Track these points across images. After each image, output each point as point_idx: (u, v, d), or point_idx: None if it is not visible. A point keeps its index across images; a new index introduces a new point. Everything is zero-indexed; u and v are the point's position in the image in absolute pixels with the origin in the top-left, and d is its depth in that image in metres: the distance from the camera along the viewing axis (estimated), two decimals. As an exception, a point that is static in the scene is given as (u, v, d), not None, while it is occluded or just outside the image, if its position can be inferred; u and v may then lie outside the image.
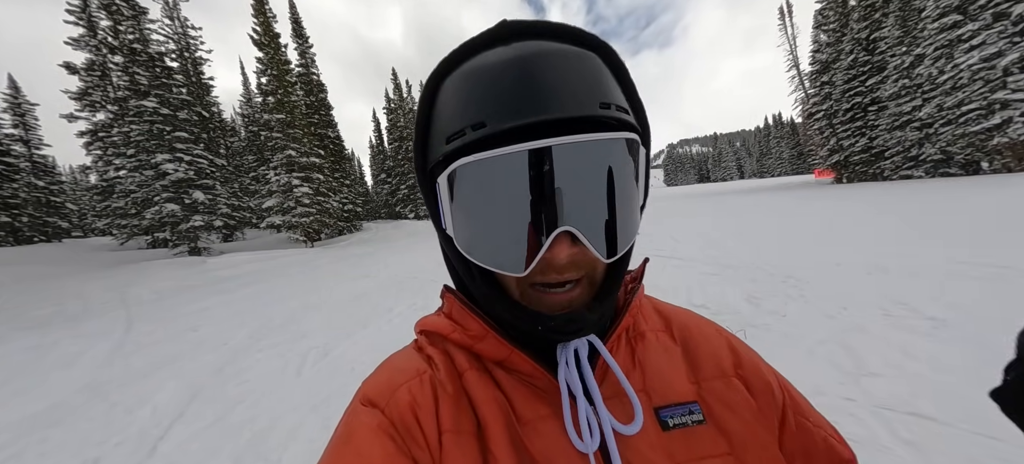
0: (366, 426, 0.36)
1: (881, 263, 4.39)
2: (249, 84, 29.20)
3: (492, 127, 0.31)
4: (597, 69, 0.35)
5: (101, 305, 7.14)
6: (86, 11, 16.79)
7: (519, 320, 0.37)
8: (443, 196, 0.36)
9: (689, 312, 0.50)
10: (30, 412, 3.08)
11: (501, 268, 0.35)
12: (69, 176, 44.58)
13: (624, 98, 0.37)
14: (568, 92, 0.32)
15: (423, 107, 0.38)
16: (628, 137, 0.34)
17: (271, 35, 18.89)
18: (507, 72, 0.33)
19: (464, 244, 0.37)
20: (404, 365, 0.42)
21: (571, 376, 0.36)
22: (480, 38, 0.37)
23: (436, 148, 0.36)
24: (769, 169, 79.40)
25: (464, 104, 0.34)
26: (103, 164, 18.17)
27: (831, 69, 22.78)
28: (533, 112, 0.31)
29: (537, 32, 0.37)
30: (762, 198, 16.43)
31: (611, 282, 0.39)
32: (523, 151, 0.31)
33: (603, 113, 0.32)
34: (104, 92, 17.39)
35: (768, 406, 0.41)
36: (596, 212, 0.34)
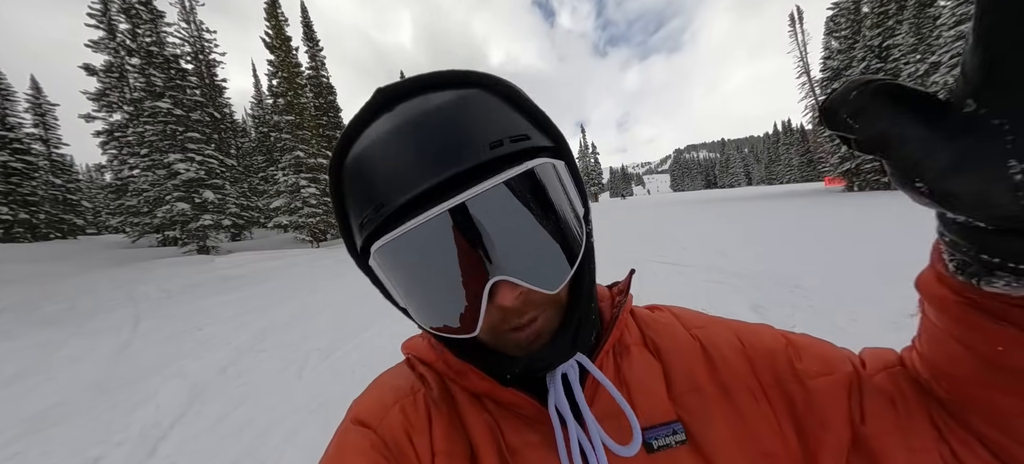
0: (358, 446, 0.35)
1: (893, 274, 4.28)
2: (261, 86, 29.78)
3: (390, 206, 0.31)
4: (484, 108, 0.34)
5: (110, 302, 7.26)
6: (106, 15, 17.32)
7: (490, 371, 0.37)
8: (381, 276, 0.36)
9: (661, 316, 0.48)
10: (37, 409, 3.12)
11: (455, 333, 0.35)
12: (85, 174, 45.80)
13: (524, 120, 0.36)
14: (454, 145, 0.31)
15: (334, 197, 0.38)
16: (529, 166, 0.32)
17: (283, 38, 19.26)
18: (390, 144, 0.32)
19: (415, 314, 0.37)
20: (397, 383, 0.41)
21: (560, 400, 0.36)
22: (361, 114, 0.36)
23: (356, 235, 0.36)
24: (778, 176, 78.49)
25: (363, 188, 0.34)
26: (118, 163, 18.65)
27: (843, 76, 22.48)
28: (424, 178, 0.30)
29: (413, 90, 0.35)
30: (770, 205, 16.20)
31: (577, 298, 0.38)
32: (421, 224, 0.30)
33: (495, 153, 0.32)
34: (121, 93, 17.87)
35: (753, 401, 0.38)
36: (524, 250, 0.33)
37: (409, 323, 0.39)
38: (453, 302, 0.33)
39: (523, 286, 0.33)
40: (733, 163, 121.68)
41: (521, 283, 0.32)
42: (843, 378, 0.37)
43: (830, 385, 0.37)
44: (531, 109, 0.37)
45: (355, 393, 0.41)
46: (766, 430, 0.37)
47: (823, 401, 0.37)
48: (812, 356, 0.40)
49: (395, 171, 0.32)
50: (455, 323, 0.34)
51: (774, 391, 0.39)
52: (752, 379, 0.40)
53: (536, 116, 0.37)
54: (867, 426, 0.35)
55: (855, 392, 0.37)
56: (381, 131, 0.33)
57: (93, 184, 40.36)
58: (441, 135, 0.31)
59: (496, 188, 0.31)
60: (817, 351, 0.40)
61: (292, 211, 17.92)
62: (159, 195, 15.14)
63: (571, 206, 0.36)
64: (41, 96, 25.33)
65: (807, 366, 0.39)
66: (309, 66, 24.48)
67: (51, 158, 24.53)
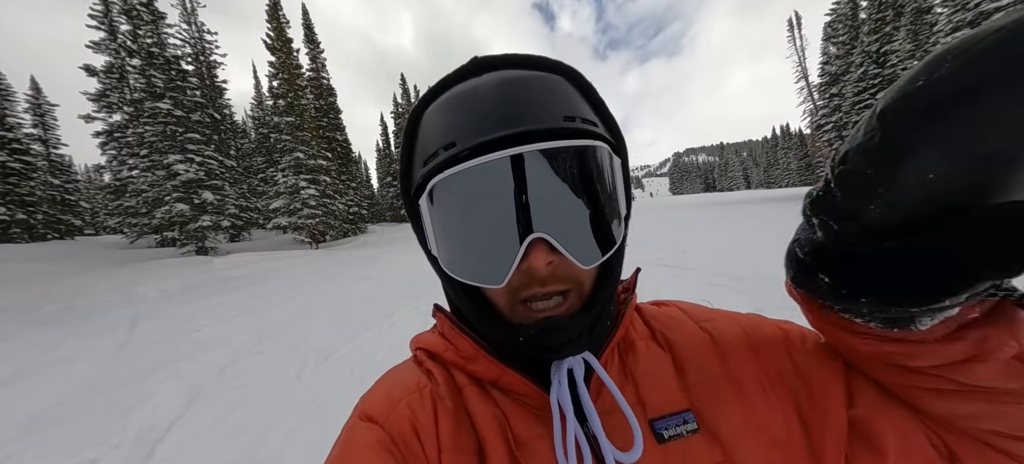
0: (365, 442, 0.35)
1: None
2: (261, 87, 29.81)
3: (461, 145, 0.33)
4: (562, 89, 0.37)
5: (108, 303, 7.22)
6: (108, 16, 17.33)
7: (500, 333, 0.38)
8: (425, 218, 0.38)
9: (668, 310, 0.49)
10: (33, 410, 3.09)
11: (480, 281, 0.36)
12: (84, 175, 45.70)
13: (594, 114, 0.38)
14: (532, 108, 0.34)
15: (405, 139, 0.41)
16: (593, 144, 0.34)
17: (284, 40, 19.31)
18: (474, 97, 0.35)
19: (446, 262, 0.38)
20: (404, 379, 0.42)
21: (563, 394, 0.36)
22: (453, 73, 0.40)
23: (416, 173, 0.38)
24: (776, 180, 78.73)
25: (438, 130, 0.36)
26: (117, 164, 18.59)
27: (841, 81, 22.63)
28: (498, 128, 0.32)
29: (505, 63, 0.39)
30: (770, 209, 16.23)
31: (599, 292, 0.39)
32: (489, 162, 0.32)
33: (567, 125, 0.34)
34: (121, 94, 17.86)
35: (761, 393, 0.39)
36: (569, 219, 0.34)
37: (410, 327, 0.39)
38: (489, 250, 0.35)
39: (559, 250, 0.34)
40: (732, 167, 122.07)
41: (558, 246, 0.33)
42: (837, 366, 0.38)
43: (826, 375, 0.38)
44: (601, 106, 0.40)
45: (354, 395, 0.42)
46: (774, 420, 0.37)
47: (822, 390, 0.38)
48: (807, 351, 0.41)
49: (471, 119, 0.34)
50: (484, 273, 0.35)
51: (779, 382, 0.40)
52: (759, 371, 0.40)
53: (605, 114, 0.40)
54: (858, 408, 0.36)
55: (846, 378, 0.38)
56: (466, 88, 0.37)
57: (91, 185, 40.27)
58: (521, 98, 0.34)
59: (560, 150, 0.33)
60: (811, 340, 0.42)
61: (291, 212, 17.88)
62: (158, 196, 15.10)
63: (617, 200, 0.38)
64: (41, 96, 25.32)
65: (804, 358, 0.40)
66: (310, 68, 24.55)
67: (50, 158, 24.48)
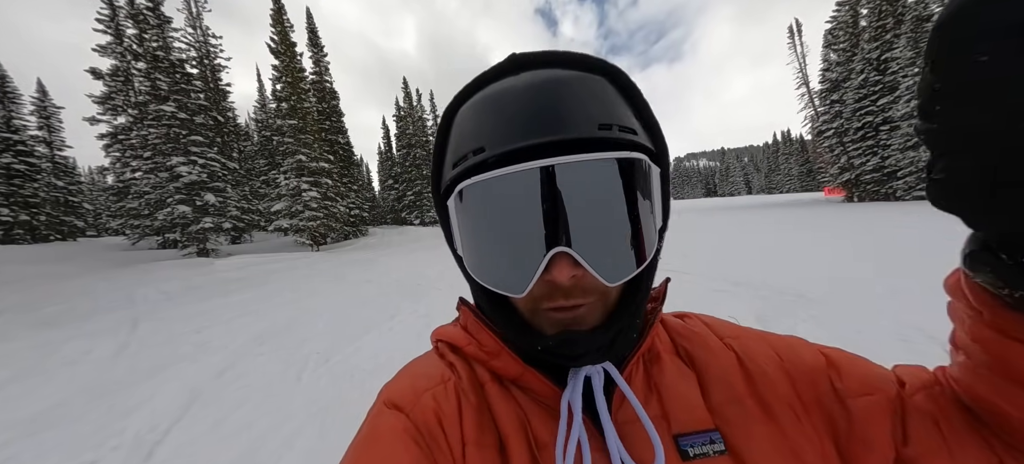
0: (392, 429, 0.35)
1: (897, 286, 4.26)
2: (264, 90, 30.02)
3: (490, 151, 0.33)
4: (602, 92, 0.35)
5: (109, 304, 7.22)
6: (114, 20, 17.52)
7: (521, 339, 0.37)
8: (453, 219, 0.38)
9: (692, 324, 0.47)
10: (32, 411, 3.08)
11: (502, 289, 0.35)
12: (87, 177, 45.93)
13: (634, 118, 0.36)
14: (566, 116, 0.32)
15: (440, 135, 0.41)
16: (627, 156, 0.33)
17: (287, 44, 19.49)
18: (508, 100, 0.34)
19: (471, 265, 0.38)
20: (428, 371, 0.41)
21: (575, 399, 0.35)
22: (492, 70, 0.39)
23: (447, 173, 0.38)
24: (778, 185, 78.69)
25: (469, 132, 0.35)
26: (120, 166, 18.68)
27: (841, 88, 22.69)
28: (529, 136, 0.32)
29: (543, 62, 0.38)
30: (771, 214, 16.22)
31: (624, 307, 0.37)
32: (512, 173, 0.32)
33: (602, 134, 0.32)
34: (126, 97, 17.98)
35: (795, 419, 0.37)
36: (596, 233, 0.33)
37: (410, 329, 0.39)
38: (511, 259, 0.34)
39: (582, 266, 0.33)
40: (733, 172, 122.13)
41: (582, 262, 0.32)
42: (884, 398, 0.36)
43: (872, 405, 0.36)
44: (644, 109, 0.38)
45: (354, 397, 0.42)
46: (808, 448, 0.36)
47: (865, 421, 0.36)
48: (852, 375, 0.39)
49: (504, 123, 0.33)
50: (506, 281, 0.35)
51: (815, 409, 0.37)
52: (793, 396, 0.38)
53: (647, 118, 0.38)
54: (911, 447, 0.34)
55: (897, 412, 0.36)
56: (500, 88, 0.36)
57: (94, 186, 40.47)
58: (555, 103, 0.33)
59: (590, 163, 0.32)
60: (857, 370, 0.39)
61: (293, 214, 17.93)
62: (160, 198, 15.16)
63: (652, 213, 0.36)
64: (46, 99, 25.53)
65: (847, 385, 0.38)
66: (313, 71, 24.75)
67: (54, 160, 24.64)
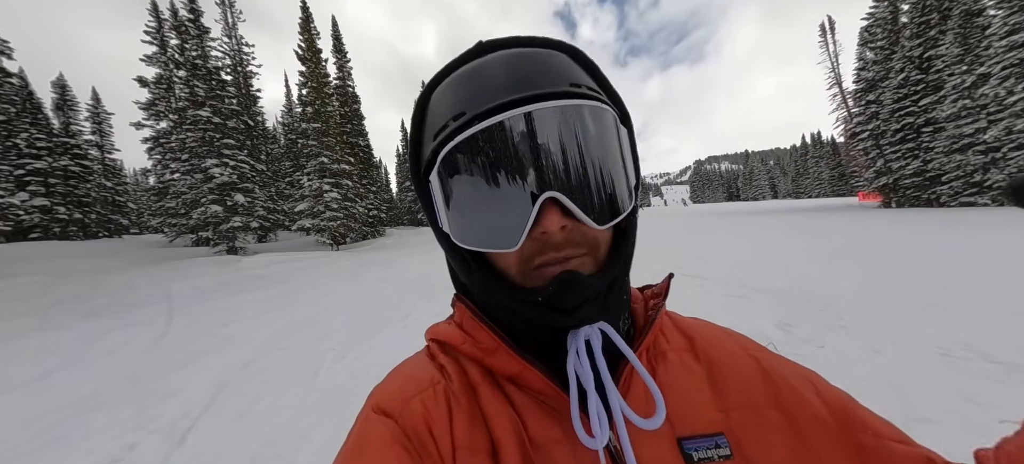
0: (380, 436, 0.34)
1: (930, 297, 3.99)
2: (291, 95, 31.36)
3: (470, 113, 0.34)
4: (566, 63, 0.38)
5: (147, 298, 7.73)
6: (160, 32, 18.84)
7: (517, 301, 0.36)
8: (436, 194, 0.38)
9: (711, 326, 0.46)
10: (81, 394, 3.35)
11: (494, 246, 0.35)
12: (132, 178, 49.30)
13: (597, 87, 0.39)
14: (539, 76, 0.35)
15: (414, 120, 0.41)
16: (600, 105, 0.35)
17: (314, 50, 20.31)
18: (482, 71, 0.36)
19: (458, 234, 0.37)
20: (417, 374, 0.40)
21: (582, 366, 0.34)
22: (459, 57, 0.40)
23: (426, 149, 0.38)
24: (806, 190, 74.97)
25: (447, 104, 0.37)
26: (161, 167, 19.98)
27: (878, 87, 21.41)
28: (506, 94, 0.33)
29: (510, 43, 0.40)
30: (798, 220, 15.48)
31: (615, 257, 0.38)
32: (499, 122, 0.32)
33: (573, 89, 0.34)
34: (168, 103, 19.26)
35: (818, 439, 0.36)
36: (581, 179, 0.34)
37: (424, 328, 0.39)
38: (502, 214, 0.34)
39: (572, 212, 0.33)
40: (757, 175, 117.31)
41: (571, 206, 0.33)
42: (921, 456, 0.35)
43: (908, 454, 0.35)
44: (605, 82, 0.41)
45: (368, 393, 0.41)
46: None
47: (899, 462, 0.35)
48: (888, 425, 0.38)
49: (480, 89, 0.35)
50: (497, 237, 0.35)
51: (846, 435, 0.37)
52: (827, 415, 0.37)
53: (609, 89, 0.41)
54: None
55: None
56: (473, 66, 0.38)
57: (138, 187, 43.39)
58: (530, 68, 0.35)
59: (569, 108, 0.33)
60: (890, 424, 0.39)
61: (315, 215, 18.60)
62: (195, 198, 16.10)
63: (627, 166, 0.38)
64: (99, 106, 27.63)
65: (882, 428, 0.37)
66: (336, 76, 25.64)
67: (104, 162, 26.62)
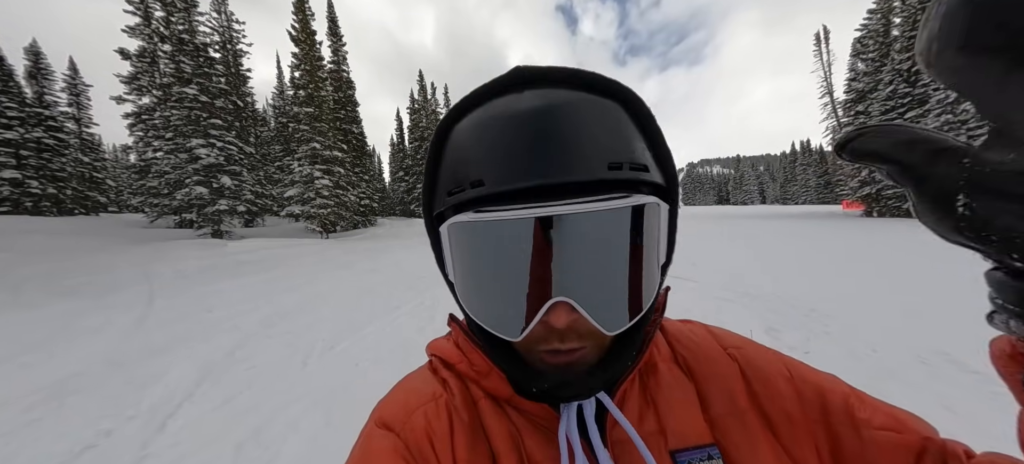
0: (383, 450, 0.35)
1: (911, 304, 4.13)
2: (283, 77, 30.52)
3: (490, 188, 0.31)
4: (614, 121, 0.33)
5: (127, 279, 7.48)
6: (144, 2, 18.02)
7: (516, 376, 0.37)
8: (445, 245, 0.36)
9: (694, 330, 0.46)
10: (54, 378, 3.22)
11: (497, 331, 0.34)
12: (111, 154, 47.48)
13: (646, 149, 0.34)
14: (574, 152, 0.30)
15: (432, 151, 0.38)
16: (638, 203, 0.31)
17: (308, 32, 19.75)
18: (511, 128, 0.31)
19: (464, 298, 0.37)
20: (419, 387, 0.41)
21: (571, 429, 0.35)
22: (493, 84, 0.36)
23: (441, 196, 0.36)
24: (793, 196, 76.82)
25: (467, 158, 0.33)
26: (143, 145, 19.30)
27: (867, 99, 21.97)
28: (533, 176, 0.30)
29: (551, 80, 0.35)
30: (785, 225, 15.85)
31: (622, 348, 0.37)
32: (516, 218, 0.30)
33: (611, 176, 0.31)
34: (151, 78, 18.52)
35: (795, 432, 0.37)
36: (598, 283, 0.32)
37: (413, 322, 0.38)
38: (507, 303, 0.33)
39: (581, 315, 0.32)
40: (747, 180, 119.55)
41: (583, 313, 0.31)
42: (914, 441, 0.34)
43: (895, 442, 0.34)
44: (657, 138, 0.36)
45: (357, 385, 0.42)
46: (809, 462, 0.35)
47: (881, 455, 0.34)
48: (882, 412, 0.37)
49: (504, 156, 0.31)
50: (502, 323, 0.34)
51: (819, 427, 0.37)
52: (797, 408, 0.37)
53: (660, 149, 0.36)
54: None
55: (929, 461, 0.33)
56: (502, 111, 0.33)
57: (118, 164, 41.84)
58: (562, 137, 0.30)
59: (596, 213, 0.30)
60: (889, 409, 0.38)
61: (305, 201, 18.25)
62: (179, 178, 15.61)
63: (657, 254, 0.35)
64: (77, 77, 26.41)
65: (871, 417, 0.36)
66: (331, 60, 25.03)
67: (81, 136, 25.52)
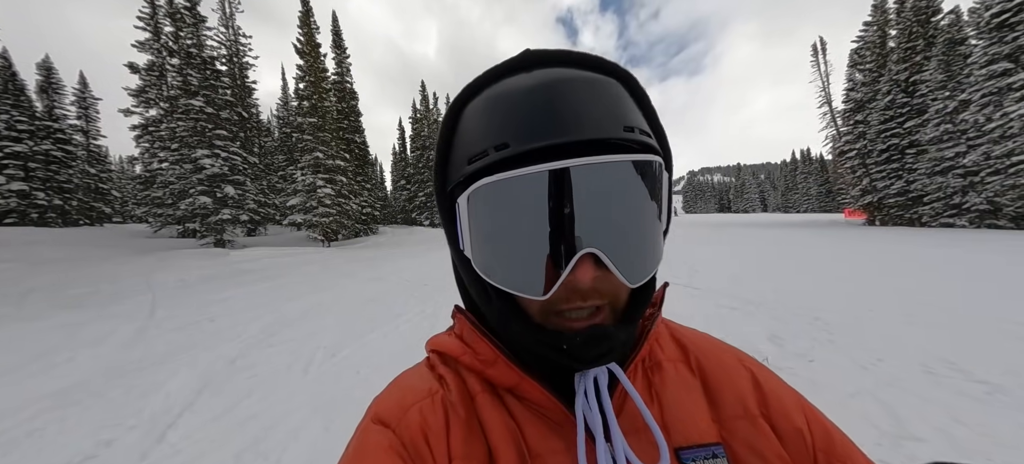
0: (377, 445, 0.35)
1: (914, 313, 4.09)
2: (288, 88, 31.02)
3: (515, 148, 0.31)
4: (619, 95, 0.35)
5: (130, 289, 7.50)
6: (154, 18, 18.49)
7: (539, 343, 0.35)
8: (462, 216, 0.36)
9: (706, 337, 0.46)
10: (56, 388, 3.21)
11: (522, 291, 0.34)
12: (117, 165, 48.01)
13: (646, 123, 0.36)
14: (591, 115, 0.32)
15: (445, 129, 0.39)
16: (653, 159, 0.33)
17: (313, 45, 20.15)
18: (530, 96, 0.33)
19: (482, 266, 0.36)
20: (415, 384, 0.41)
21: (590, 410, 0.34)
22: (503, 65, 0.38)
23: (457, 168, 0.36)
24: (795, 204, 76.72)
25: (487, 126, 0.34)
26: (149, 156, 19.52)
27: (866, 108, 22.10)
28: (556, 134, 0.31)
29: (559, 60, 0.37)
30: (787, 233, 15.80)
31: (634, 309, 0.37)
32: (546, 171, 0.30)
33: (627, 136, 0.32)
34: (159, 90, 18.86)
35: (799, 453, 0.37)
36: (621, 235, 0.33)
37: (416, 329, 0.38)
38: (533, 261, 0.33)
39: (608, 267, 0.32)
40: (748, 188, 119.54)
41: (608, 263, 0.32)
42: None
43: None
44: (653, 116, 0.38)
45: (359, 393, 0.42)
46: None
47: None
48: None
49: (526, 119, 0.32)
50: (526, 282, 0.33)
51: (824, 459, 0.37)
52: (808, 434, 0.38)
53: (656, 124, 0.38)
54: None
55: None
56: (520, 83, 0.34)
57: (123, 175, 42.30)
58: (581, 101, 0.32)
59: (623, 164, 0.31)
60: None
61: (307, 210, 18.35)
62: (184, 188, 15.74)
63: (662, 217, 0.36)
64: (87, 90, 26.93)
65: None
66: (335, 71, 25.45)
67: (89, 148, 25.88)
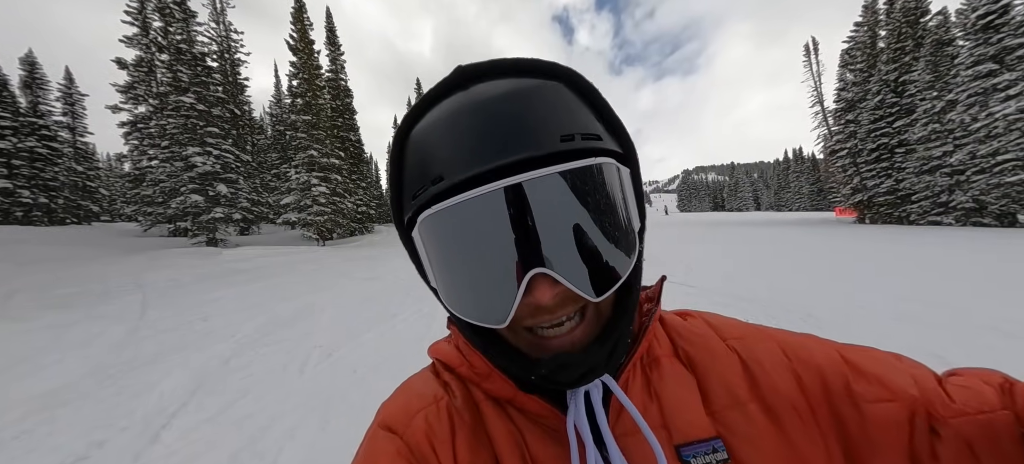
0: (385, 452, 0.36)
1: (910, 311, 4.17)
2: (281, 86, 30.64)
3: (449, 179, 0.31)
4: (557, 101, 0.33)
5: (119, 289, 7.38)
6: (142, 13, 18.12)
7: (513, 367, 0.35)
8: (420, 251, 0.36)
9: (694, 323, 0.45)
10: (45, 389, 3.16)
11: (483, 321, 0.34)
12: (105, 163, 47.08)
13: (597, 123, 0.35)
14: (526, 131, 0.30)
15: (393, 165, 0.38)
16: (597, 162, 0.32)
17: (306, 41, 19.91)
18: (461, 121, 0.32)
19: (445, 297, 0.36)
20: (421, 389, 0.41)
21: (581, 420, 0.34)
22: (438, 88, 0.36)
23: (407, 205, 0.36)
24: (787, 203, 77.74)
25: (425, 159, 0.33)
26: (138, 154, 19.18)
27: (857, 108, 22.43)
28: (489, 158, 0.30)
29: (494, 71, 0.35)
30: (780, 232, 16.01)
31: (621, 313, 0.36)
32: (477, 197, 0.30)
33: (564, 147, 0.31)
34: (148, 87, 18.51)
35: (802, 424, 0.36)
36: (572, 249, 0.31)
37: (412, 329, 0.39)
38: (487, 288, 0.32)
39: (563, 285, 0.31)
40: (742, 187, 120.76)
41: (562, 280, 0.31)
42: (905, 405, 0.34)
43: (889, 412, 0.35)
44: (606, 111, 0.37)
45: (355, 393, 0.42)
46: (813, 452, 0.35)
47: (879, 428, 0.34)
48: (872, 378, 0.37)
49: (460, 147, 0.31)
50: (485, 311, 0.33)
51: (823, 410, 0.36)
52: (799, 397, 0.37)
53: (610, 119, 0.37)
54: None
55: (921, 425, 0.34)
56: (453, 108, 0.33)
57: (112, 173, 41.48)
58: (513, 119, 0.31)
59: (555, 177, 0.30)
60: (878, 372, 0.37)
61: (301, 208, 18.18)
62: (174, 186, 15.50)
63: (627, 216, 0.35)
64: (73, 86, 26.31)
65: (864, 389, 0.36)
66: (329, 69, 25.21)
67: (76, 146, 25.34)
